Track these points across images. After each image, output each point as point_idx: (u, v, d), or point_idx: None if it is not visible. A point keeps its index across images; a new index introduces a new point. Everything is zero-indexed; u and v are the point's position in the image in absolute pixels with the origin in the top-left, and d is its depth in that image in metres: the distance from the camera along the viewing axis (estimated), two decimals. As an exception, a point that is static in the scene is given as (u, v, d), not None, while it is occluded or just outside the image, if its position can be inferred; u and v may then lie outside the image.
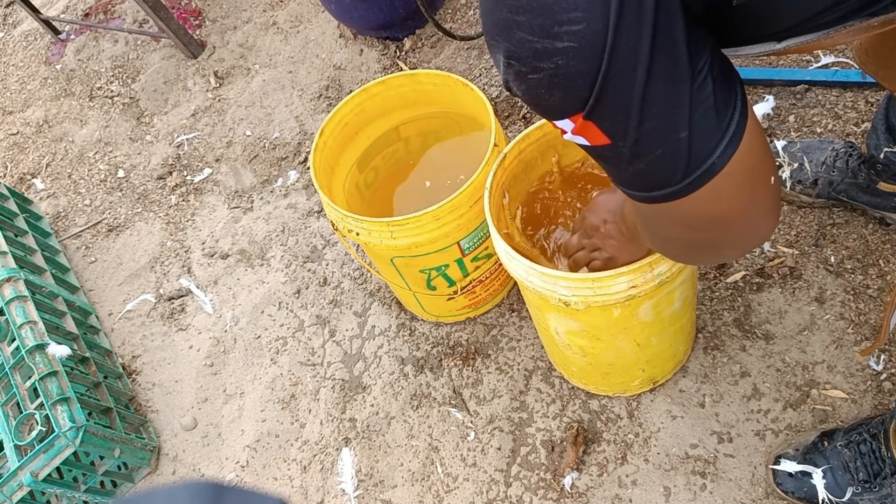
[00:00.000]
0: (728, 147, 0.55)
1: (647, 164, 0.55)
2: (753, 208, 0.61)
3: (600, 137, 0.54)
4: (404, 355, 1.67)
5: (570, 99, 0.51)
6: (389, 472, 1.54)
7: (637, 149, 0.54)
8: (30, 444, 1.49)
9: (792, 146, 1.56)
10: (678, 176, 0.56)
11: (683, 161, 0.55)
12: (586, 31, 0.47)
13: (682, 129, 0.53)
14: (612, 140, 0.54)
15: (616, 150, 0.55)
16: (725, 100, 0.55)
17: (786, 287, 1.49)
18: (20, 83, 2.77)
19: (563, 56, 0.49)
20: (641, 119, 0.52)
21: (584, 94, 0.50)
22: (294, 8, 2.45)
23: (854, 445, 1.22)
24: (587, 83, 0.50)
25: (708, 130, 0.54)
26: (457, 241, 1.36)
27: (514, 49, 0.51)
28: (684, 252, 0.73)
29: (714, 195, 0.57)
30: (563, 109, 0.53)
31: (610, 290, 1.03)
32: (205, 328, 1.90)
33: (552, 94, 0.52)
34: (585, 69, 0.49)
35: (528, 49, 0.50)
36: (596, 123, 0.52)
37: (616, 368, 1.34)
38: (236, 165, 2.19)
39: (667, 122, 0.52)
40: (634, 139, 0.53)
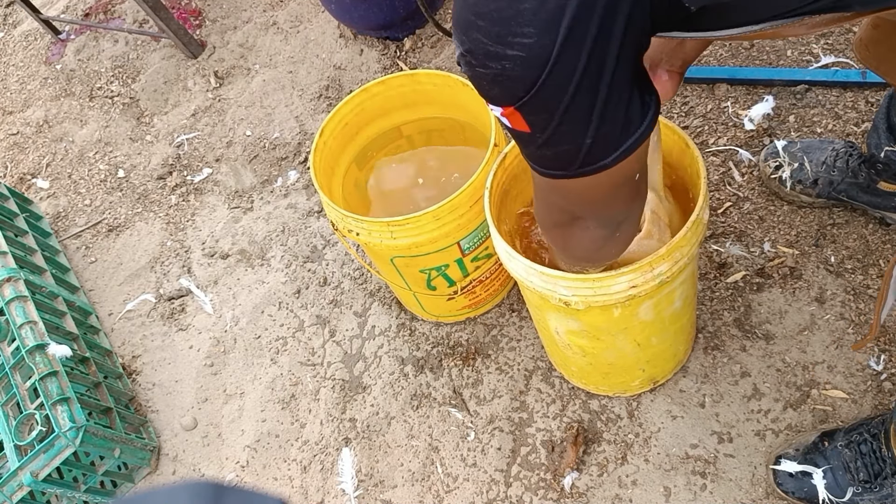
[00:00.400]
0: (619, 156, 0.66)
1: (553, 153, 0.67)
2: (616, 194, 0.75)
3: (522, 126, 0.64)
4: (404, 355, 1.67)
5: (506, 95, 0.61)
6: (389, 472, 1.54)
7: (549, 142, 0.65)
8: (30, 444, 1.49)
9: (792, 146, 1.56)
10: (574, 166, 0.67)
11: (581, 158, 0.66)
12: (535, 45, 0.56)
13: (588, 137, 0.63)
14: (532, 130, 0.64)
15: (532, 137, 0.65)
16: (634, 119, 0.65)
17: (786, 287, 1.49)
18: (20, 83, 2.77)
19: (510, 62, 0.57)
20: (560, 122, 0.61)
21: (519, 94, 0.59)
22: (294, 8, 2.45)
23: (854, 445, 1.22)
24: (525, 87, 0.59)
25: (609, 142, 0.65)
26: (457, 241, 1.36)
27: (470, 46, 0.60)
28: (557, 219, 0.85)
29: (594, 183, 0.69)
30: (499, 100, 0.62)
31: (610, 290, 1.03)
32: (205, 328, 1.90)
33: (493, 88, 0.61)
34: (527, 76, 0.58)
35: (481, 49, 0.58)
36: (522, 116, 0.62)
37: (616, 368, 1.34)
38: (236, 165, 2.19)
39: (578, 129, 0.62)
40: (549, 135, 0.64)
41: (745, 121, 1.70)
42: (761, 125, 1.69)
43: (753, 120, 1.69)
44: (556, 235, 0.89)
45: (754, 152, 1.66)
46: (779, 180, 1.55)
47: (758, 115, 1.69)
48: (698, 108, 1.78)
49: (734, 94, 1.77)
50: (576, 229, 0.83)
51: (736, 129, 1.72)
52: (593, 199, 0.75)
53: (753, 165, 1.65)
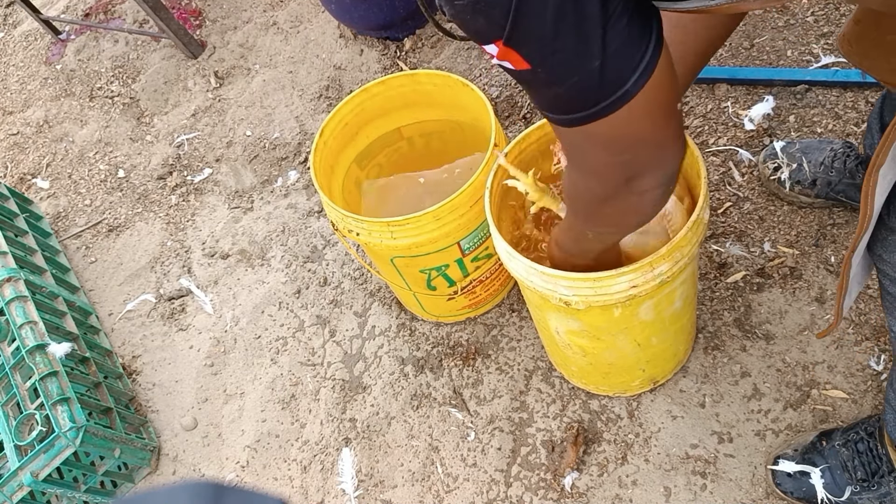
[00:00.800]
0: (641, 77, 0.60)
1: (565, 89, 0.60)
2: (663, 130, 0.67)
3: (521, 63, 0.59)
4: (404, 355, 1.67)
5: (490, 25, 0.56)
6: (390, 473, 1.54)
7: (554, 75, 0.59)
8: (30, 445, 1.49)
9: (791, 147, 1.56)
10: (592, 100, 0.61)
11: (597, 87, 0.60)
12: None
13: (594, 59, 0.57)
14: (532, 66, 0.58)
15: (536, 75, 0.60)
16: (640, 33, 0.59)
17: (786, 287, 1.49)
18: (20, 83, 2.77)
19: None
20: (554, 49, 0.57)
21: (501, 21, 0.55)
22: (294, 8, 2.45)
23: (852, 444, 1.23)
24: (503, 11, 0.54)
25: (621, 61, 0.58)
26: (457, 241, 1.36)
27: None
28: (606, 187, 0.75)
29: (628, 118, 0.62)
30: (486, 34, 0.58)
31: (611, 290, 1.03)
32: (205, 328, 1.90)
33: (476, 20, 0.57)
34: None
35: None
36: (515, 49, 0.57)
37: (616, 368, 1.34)
38: (236, 165, 2.19)
39: (577, 52, 0.57)
40: (550, 66, 0.58)
41: (745, 121, 1.70)
42: (761, 125, 1.69)
43: (753, 120, 1.69)
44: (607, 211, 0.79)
45: (754, 152, 1.66)
46: (778, 181, 1.55)
47: (758, 115, 1.69)
48: (698, 108, 1.78)
49: (734, 94, 1.77)
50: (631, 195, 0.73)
51: (736, 129, 1.72)
52: (640, 137, 0.66)
53: (753, 165, 1.65)
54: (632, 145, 0.67)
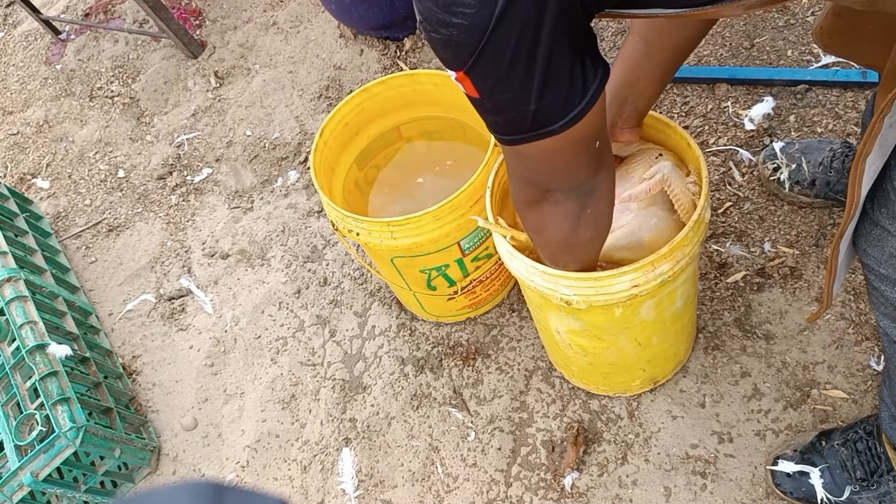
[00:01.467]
0: (567, 123, 0.71)
1: (503, 119, 0.73)
2: (575, 164, 0.80)
3: (472, 91, 0.70)
4: (404, 355, 1.67)
5: (456, 59, 0.67)
6: (390, 473, 1.54)
7: (496, 107, 0.71)
8: (30, 445, 1.49)
9: (790, 147, 1.56)
10: (523, 131, 0.73)
11: (528, 124, 0.71)
12: (475, 15, 0.62)
13: (531, 104, 0.68)
14: (480, 96, 0.70)
15: (482, 102, 0.71)
16: (580, 87, 0.69)
17: (786, 287, 1.49)
18: (20, 83, 2.77)
19: (455, 28, 0.64)
20: (503, 89, 0.68)
21: (466, 58, 0.66)
22: (294, 8, 2.45)
23: (851, 444, 1.23)
24: (469, 52, 0.65)
25: (553, 109, 0.69)
26: (457, 241, 1.36)
27: (423, 12, 0.66)
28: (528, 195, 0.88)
29: (549, 148, 0.74)
30: (451, 64, 0.69)
31: (612, 289, 1.03)
32: (205, 328, 1.90)
33: (445, 51, 0.67)
34: (470, 42, 0.64)
35: (433, 16, 0.65)
36: (471, 80, 0.68)
37: (617, 368, 1.34)
38: (236, 165, 2.19)
39: (520, 96, 0.68)
40: (495, 101, 0.70)
41: (745, 121, 1.70)
42: (761, 125, 1.69)
43: (754, 120, 1.69)
44: (531, 217, 0.93)
45: (754, 152, 1.66)
46: (777, 181, 1.55)
47: (758, 115, 1.69)
48: (698, 107, 1.78)
49: (734, 93, 1.77)
50: (546, 205, 0.87)
51: (736, 128, 1.72)
52: (553, 165, 0.80)
53: (753, 165, 1.65)
54: (545, 167, 0.80)
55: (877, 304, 0.94)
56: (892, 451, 1.17)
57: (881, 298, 0.91)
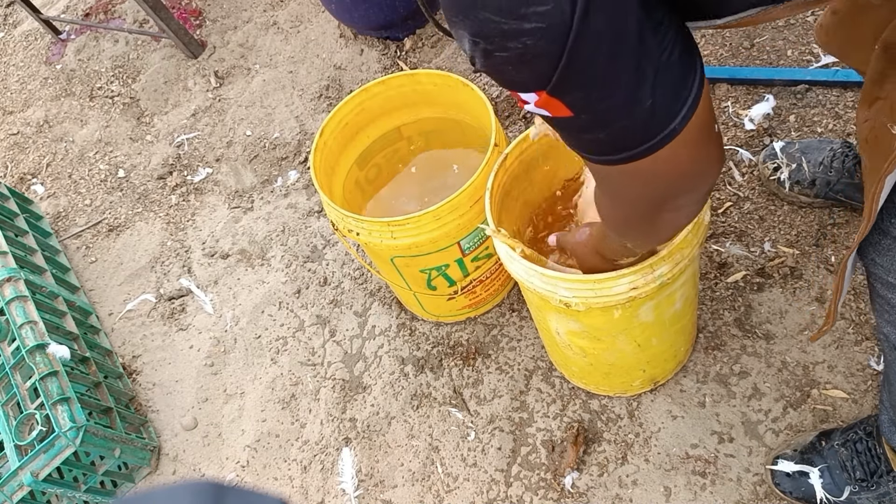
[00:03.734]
0: (688, 113, 0.58)
1: (608, 133, 0.58)
2: (704, 161, 0.66)
3: (563, 111, 0.56)
4: (404, 355, 1.67)
5: (535, 76, 0.53)
6: (390, 472, 1.54)
7: (599, 120, 0.57)
8: (30, 444, 1.49)
9: (790, 147, 1.56)
10: (637, 141, 0.59)
11: (643, 129, 0.58)
12: (553, 11, 0.49)
13: (645, 101, 0.55)
14: (575, 113, 0.56)
15: (578, 122, 0.57)
16: (687, 70, 0.57)
17: (786, 287, 1.49)
18: (20, 83, 2.77)
19: (530, 36, 0.50)
20: (605, 95, 0.54)
21: (548, 71, 0.52)
22: (294, 8, 2.45)
23: (851, 444, 1.23)
24: (552, 62, 0.51)
25: (670, 100, 0.56)
26: (457, 241, 1.36)
27: (480, 29, 0.52)
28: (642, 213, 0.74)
29: (672, 154, 0.60)
30: (528, 85, 0.55)
31: (611, 292, 1.03)
32: (205, 328, 1.90)
33: (520, 72, 0.54)
34: (552, 49, 0.51)
35: (494, 29, 0.51)
36: (559, 99, 0.55)
37: (617, 369, 1.34)
38: (236, 165, 2.19)
39: (630, 96, 0.55)
40: (597, 111, 0.56)
41: (745, 121, 1.70)
42: (762, 125, 1.69)
43: (754, 120, 1.69)
44: (635, 234, 0.80)
45: (755, 152, 1.66)
46: (777, 181, 1.55)
47: (758, 115, 1.69)
48: (698, 107, 1.78)
49: (734, 93, 1.77)
50: (663, 216, 0.73)
51: (736, 128, 1.72)
52: (680, 172, 0.65)
53: (754, 165, 1.65)
54: (671, 178, 0.65)
55: (881, 312, 0.93)
56: (892, 452, 1.17)
57: (886, 307, 0.90)
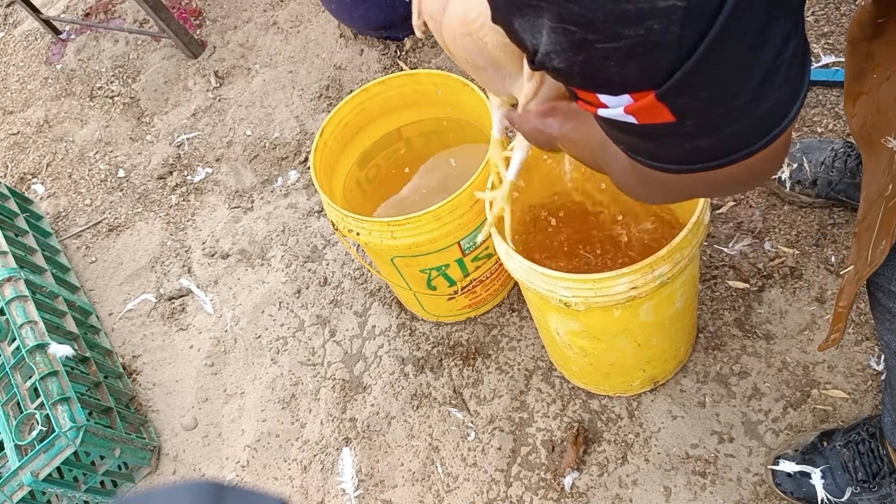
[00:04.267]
0: (795, 115, 0.47)
1: (713, 140, 0.46)
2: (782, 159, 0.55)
3: (663, 116, 0.43)
4: (405, 355, 1.67)
5: (646, 73, 0.41)
6: (390, 472, 1.54)
7: (711, 126, 0.45)
8: (30, 444, 1.49)
9: (791, 146, 1.56)
10: (735, 149, 0.47)
11: (754, 133, 0.46)
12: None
13: (769, 100, 0.44)
14: (679, 118, 0.43)
15: (678, 128, 0.44)
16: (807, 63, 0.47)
17: (786, 287, 1.49)
18: (20, 83, 2.77)
19: (660, 20, 0.37)
20: (733, 94, 0.42)
21: (670, 66, 0.40)
22: (294, 8, 2.45)
23: (853, 445, 1.22)
24: (681, 54, 0.39)
25: (787, 101, 0.46)
26: (457, 241, 1.36)
27: (583, 12, 0.38)
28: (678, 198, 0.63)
29: (761, 159, 0.49)
30: (629, 85, 0.42)
31: (611, 291, 1.03)
32: (205, 328, 1.90)
33: (625, 67, 0.41)
34: (685, 36, 0.38)
35: (609, 13, 0.38)
36: (666, 103, 0.42)
37: (617, 368, 1.34)
38: (237, 165, 2.19)
39: (757, 94, 0.43)
40: (715, 116, 0.44)
41: (745, 121, 1.70)
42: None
43: (754, 120, 1.69)
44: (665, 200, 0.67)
45: (755, 152, 1.66)
46: (778, 181, 1.55)
47: (758, 115, 1.69)
48: (699, 107, 1.78)
49: (734, 93, 1.77)
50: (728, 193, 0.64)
51: (736, 128, 1.71)
52: (763, 172, 0.54)
53: (754, 165, 1.65)
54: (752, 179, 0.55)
55: (881, 321, 0.93)
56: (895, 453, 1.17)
57: (888, 315, 0.90)
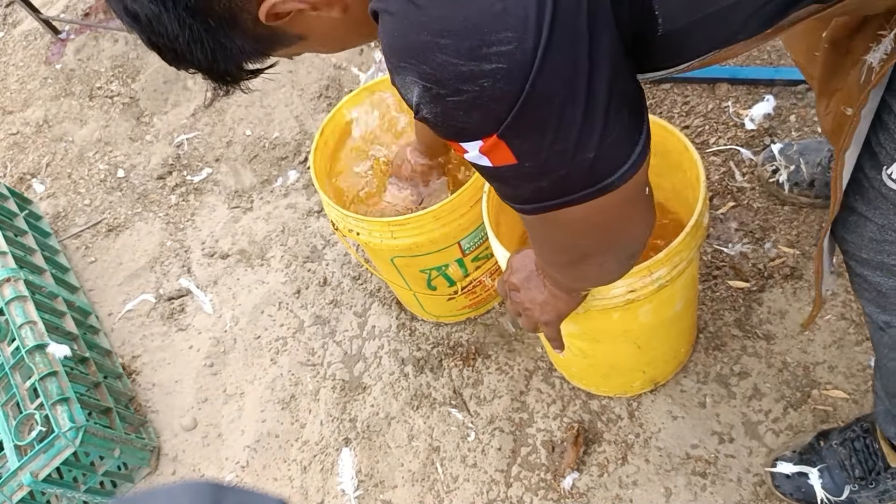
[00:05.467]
0: (629, 170, 0.57)
1: (550, 182, 0.56)
2: (631, 220, 0.65)
3: (507, 158, 0.53)
4: (404, 355, 1.67)
5: (487, 119, 0.51)
6: (390, 473, 1.54)
7: (543, 168, 0.55)
8: (30, 445, 1.49)
9: (788, 148, 1.56)
10: (571, 191, 0.57)
11: (584, 179, 0.56)
12: (516, 51, 0.47)
13: (590, 151, 0.54)
14: (519, 161, 0.53)
15: (520, 170, 0.54)
16: (636, 125, 0.57)
17: (787, 287, 1.49)
18: (20, 83, 2.77)
19: (489, 78, 0.48)
20: (555, 139, 0.52)
21: (503, 114, 0.50)
22: (294, 8, 2.45)
23: (849, 443, 1.22)
24: (509, 104, 0.49)
25: (614, 154, 0.55)
26: (457, 241, 1.36)
27: (433, 72, 0.49)
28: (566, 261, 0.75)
29: (604, 206, 0.59)
30: (477, 131, 0.52)
31: (609, 294, 1.03)
32: (205, 328, 1.90)
33: (470, 116, 0.51)
34: (511, 90, 0.48)
35: (450, 72, 0.48)
36: (507, 143, 0.52)
37: (617, 370, 1.34)
38: (236, 165, 2.19)
39: (578, 144, 0.53)
40: (544, 159, 0.54)
41: (745, 120, 1.70)
42: (762, 125, 1.68)
43: (754, 119, 1.69)
44: (568, 273, 0.81)
45: (755, 152, 1.66)
46: (777, 183, 1.55)
47: (759, 115, 1.69)
48: (699, 107, 1.78)
49: (735, 93, 1.77)
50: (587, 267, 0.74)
51: (737, 128, 1.71)
52: (605, 227, 0.65)
53: (754, 165, 1.65)
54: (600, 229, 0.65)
55: (860, 291, 0.94)
56: (887, 445, 1.17)
57: (864, 284, 0.91)
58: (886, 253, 0.82)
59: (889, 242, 0.81)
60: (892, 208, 0.77)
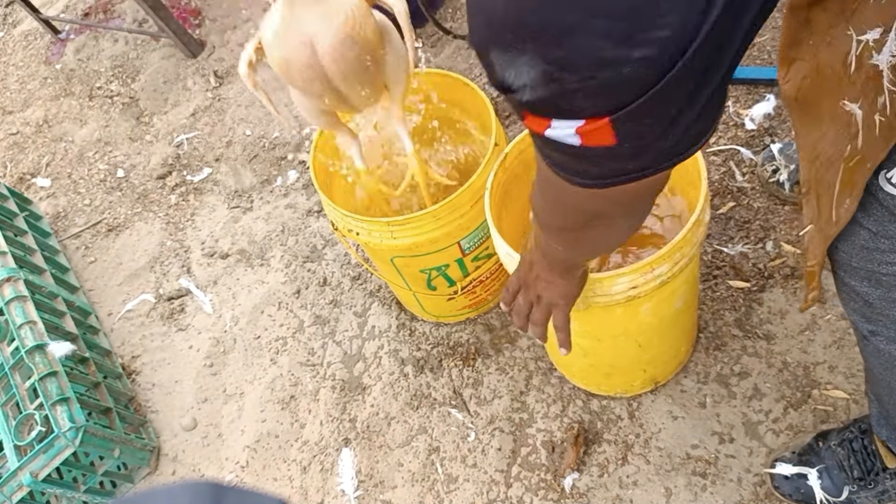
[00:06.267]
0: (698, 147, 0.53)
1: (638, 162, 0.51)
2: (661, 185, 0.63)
3: (606, 140, 0.47)
4: (404, 355, 1.67)
5: (607, 104, 0.45)
6: (389, 473, 1.53)
7: (640, 150, 0.50)
8: (29, 445, 1.49)
9: (788, 148, 1.56)
10: (653, 166, 0.52)
11: (667, 156, 0.52)
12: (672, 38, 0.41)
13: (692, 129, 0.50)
14: (619, 142, 0.47)
15: (614, 151, 0.49)
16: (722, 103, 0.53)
17: (787, 287, 1.49)
18: (20, 83, 2.77)
19: (633, 66, 0.42)
20: (672, 123, 0.47)
21: (628, 99, 0.44)
22: (294, 8, 2.45)
23: (847, 443, 1.22)
24: (642, 90, 0.43)
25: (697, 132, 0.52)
26: (457, 241, 1.36)
27: (566, 55, 0.42)
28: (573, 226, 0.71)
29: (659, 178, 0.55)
30: (587, 112, 0.46)
31: (610, 291, 1.03)
32: (204, 328, 1.90)
33: (589, 100, 0.45)
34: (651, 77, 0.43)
35: (591, 58, 0.42)
36: (614, 126, 0.46)
37: (617, 369, 1.34)
38: (236, 165, 2.19)
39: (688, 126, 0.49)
40: (648, 142, 0.49)
41: (746, 120, 1.70)
42: (762, 125, 1.68)
43: (754, 119, 1.69)
44: (567, 238, 0.78)
45: (755, 152, 1.66)
46: (777, 183, 1.55)
47: (759, 115, 1.69)
48: (699, 107, 1.78)
49: (735, 93, 1.77)
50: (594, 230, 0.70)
51: (737, 128, 1.71)
52: (649, 194, 0.62)
53: (754, 165, 1.65)
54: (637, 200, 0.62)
55: (847, 301, 0.93)
56: (883, 447, 1.17)
57: (851, 294, 0.90)
58: (877, 262, 0.80)
59: (880, 251, 0.79)
60: (886, 214, 0.75)
